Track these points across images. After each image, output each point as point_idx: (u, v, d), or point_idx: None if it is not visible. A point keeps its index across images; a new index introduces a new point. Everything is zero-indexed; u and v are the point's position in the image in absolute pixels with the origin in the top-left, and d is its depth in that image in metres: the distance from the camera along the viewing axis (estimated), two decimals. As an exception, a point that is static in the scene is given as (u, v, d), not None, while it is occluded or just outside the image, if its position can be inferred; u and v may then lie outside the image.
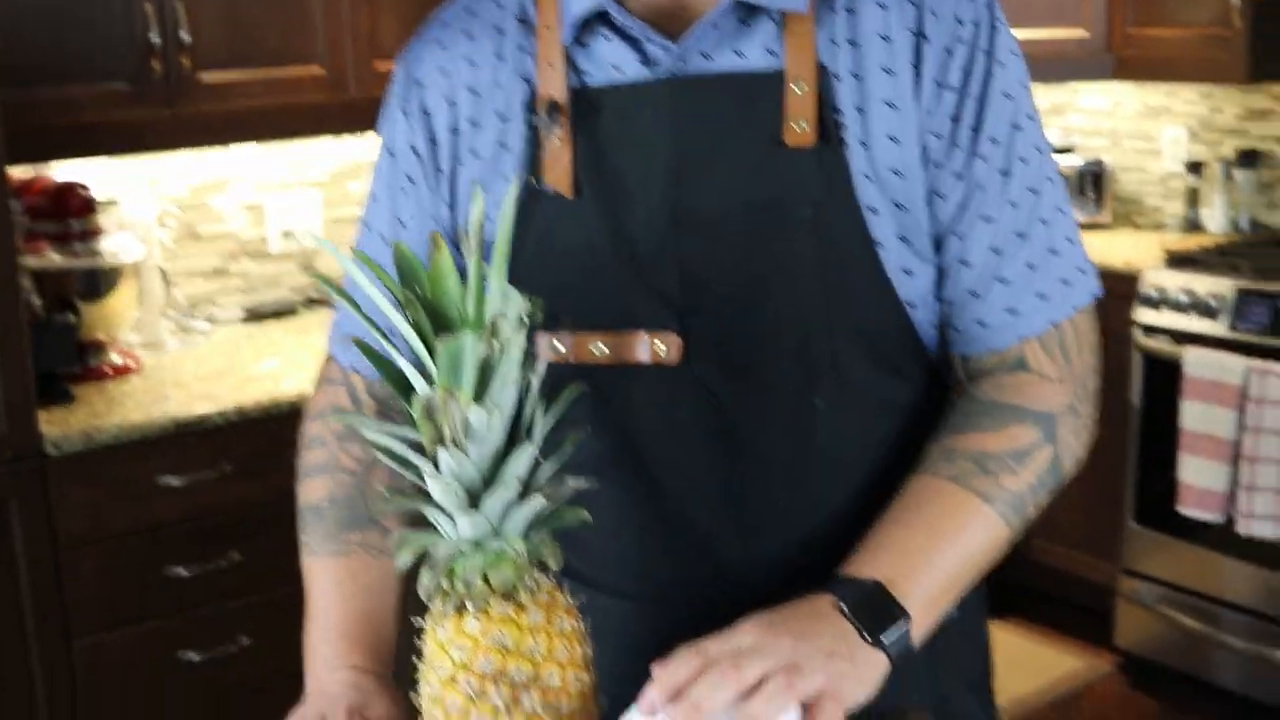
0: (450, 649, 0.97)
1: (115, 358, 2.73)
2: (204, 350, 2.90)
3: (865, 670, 0.99)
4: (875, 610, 1.02)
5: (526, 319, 0.98)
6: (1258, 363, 2.98)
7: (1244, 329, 3.06)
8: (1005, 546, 1.13)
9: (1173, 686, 3.30)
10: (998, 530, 1.11)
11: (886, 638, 1.01)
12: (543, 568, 1.00)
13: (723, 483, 1.17)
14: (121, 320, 2.74)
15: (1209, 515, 3.09)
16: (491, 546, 0.97)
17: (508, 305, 0.97)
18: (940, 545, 1.08)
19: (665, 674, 0.94)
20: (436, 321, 0.98)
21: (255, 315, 3.12)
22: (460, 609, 0.98)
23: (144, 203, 2.93)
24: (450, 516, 0.97)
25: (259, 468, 2.53)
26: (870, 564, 1.06)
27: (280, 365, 2.77)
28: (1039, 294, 1.14)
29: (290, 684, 1.23)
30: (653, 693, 0.93)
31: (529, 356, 0.97)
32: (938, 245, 1.15)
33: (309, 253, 3.24)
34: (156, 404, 2.54)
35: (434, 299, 0.98)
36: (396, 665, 1.24)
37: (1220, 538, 3.15)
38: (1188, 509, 3.12)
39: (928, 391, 1.21)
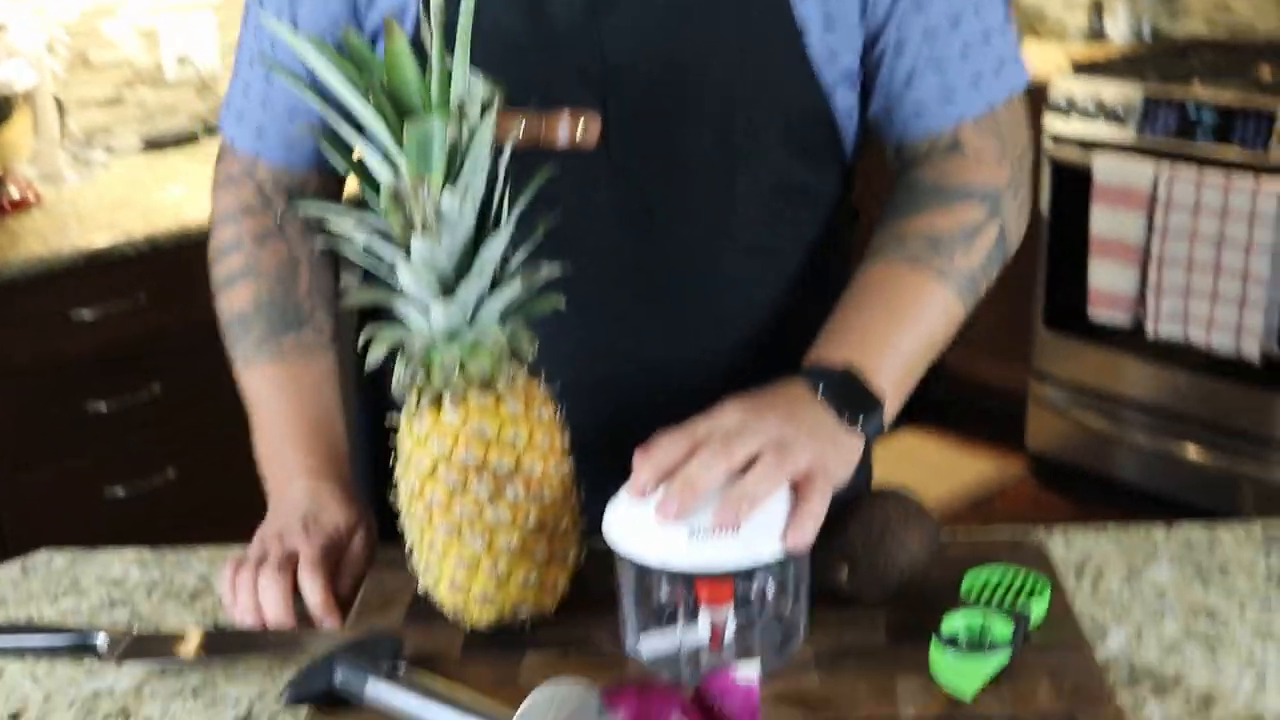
0: (429, 443, 0.96)
1: (13, 191, 2.63)
2: (104, 181, 2.80)
3: (846, 452, 1.00)
4: (850, 395, 1.03)
5: (490, 101, 0.95)
6: (1166, 167, 3.02)
7: (1152, 134, 3.09)
8: (959, 325, 1.14)
9: (1081, 485, 3.42)
10: (953, 309, 1.13)
11: (864, 421, 1.02)
12: (515, 358, 0.99)
13: (643, 269, 1.16)
14: (17, 153, 2.63)
15: (1118, 318, 3.17)
16: (467, 337, 0.95)
17: (473, 88, 0.94)
18: (903, 329, 1.09)
19: (654, 456, 0.94)
20: (397, 109, 0.94)
21: (154, 144, 3.01)
22: (437, 402, 0.96)
23: (31, 29, 2.79)
24: (423, 308, 0.95)
25: (174, 297, 2.46)
26: (836, 349, 1.06)
27: (186, 193, 2.68)
28: (974, 76, 1.15)
29: (221, 515, 1.22)
30: (643, 475, 0.93)
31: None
32: (872, 37, 1.15)
33: (206, 79, 3.12)
34: (61, 237, 2.45)
35: (392, 86, 0.95)
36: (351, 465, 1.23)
37: (1128, 340, 3.23)
38: (1098, 313, 3.19)
39: (842, 188, 1.22)
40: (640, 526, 0.92)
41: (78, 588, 1.19)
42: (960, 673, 0.91)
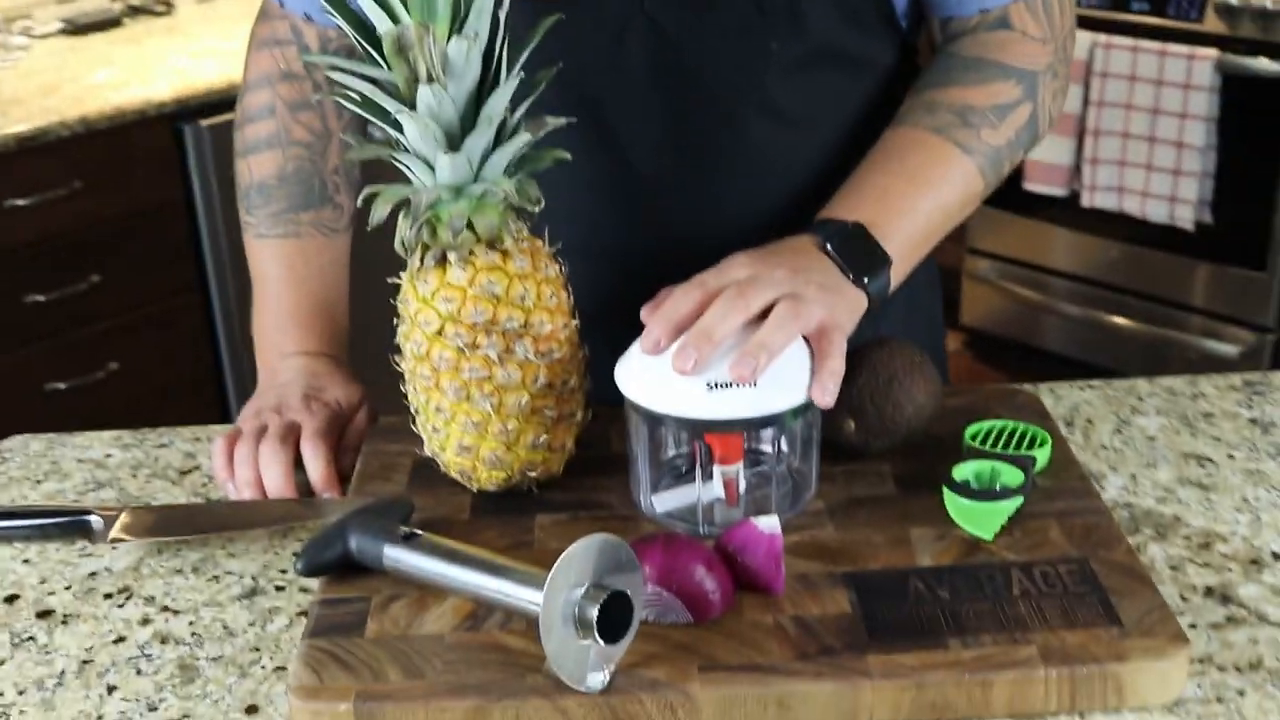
0: (436, 302, 0.94)
1: (-69, 75, 2.53)
2: (26, 66, 2.69)
3: (852, 306, 0.99)
4: (858, 251, 1.01)
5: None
6: (1101, 37, 3.03)
7: (1088, 4, 3.09)
8: (979, 201, 1.13)
9: (1014, 356, 3.47)
10: (974, 183, 1.11)
11: (870, 279, 1.01)
12: (519, 214, 0.97)
13: (670, 130, 1.13)
14: (-68, 35, 2.53)
15: (1054, 190, 3.19)
16: (473, 191, 0.93)
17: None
18: (920, 193, 1.08)
19: (665, 309, 0.93)
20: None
21: (75, 28, 2.90)
22: (442, 261, 0.94)
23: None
24: (427, 163, 0.92)
25: (110, 183, 2.39)
26: (850, 207, 1.05)
27: (116, 74, 2.59)
28: None
29: (165, 407, 1.20)
30: (655, 329, 0.92)
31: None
32: None
33: (126, -42, 3.01)
34: (-13, 122, 2.37)
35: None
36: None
37: (1061, 213, 3.27)
38: (1034, 185, 3.21)
39: (895, 60, 1.18)
40: (654, 379, 0.91)
41: (59, 470, 1.16)
42: (980, 515, 0.92)
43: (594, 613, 0.78)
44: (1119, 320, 3.27)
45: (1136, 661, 0.81)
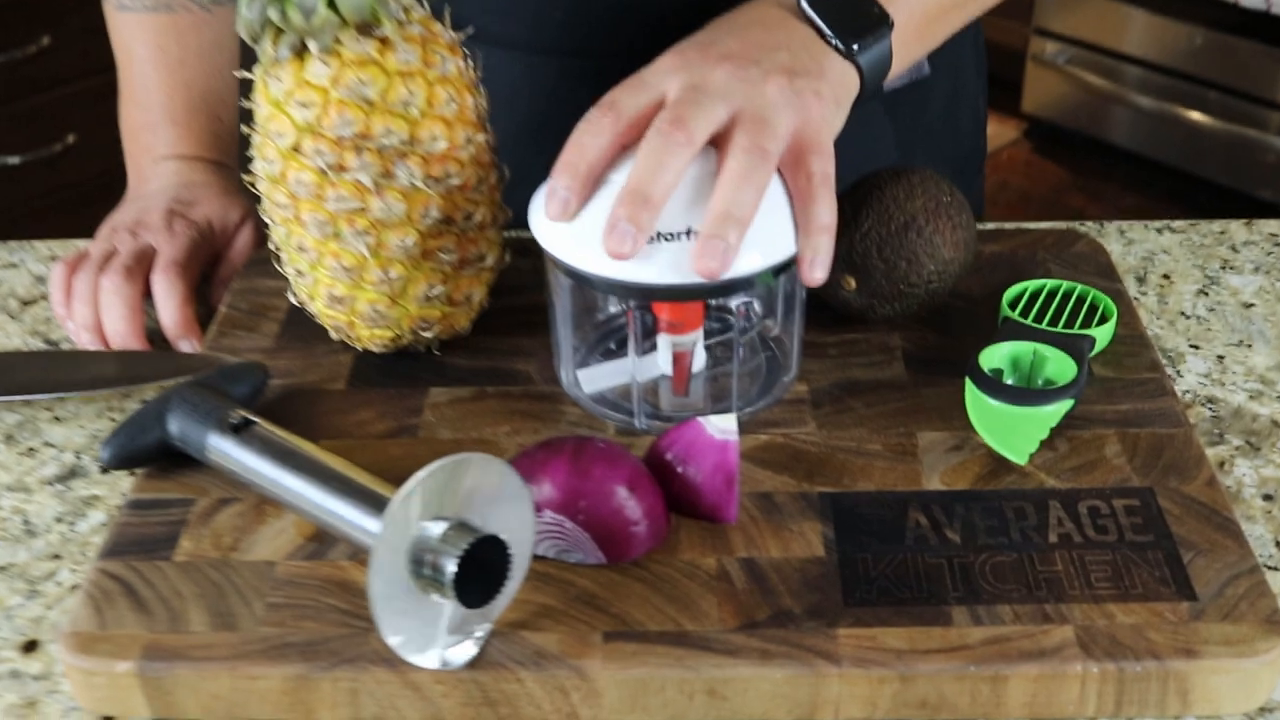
0: (290, 106, 0.69)
1: None
2: None
3: (838, 88, 0.71)
4: (845, 5, 0.72)
5: None
6: None
7: None
8: None
9: (1078, 150, 3.17)
10: None
11: (860, 44, 0.72)
12: (411, -11, 0.72)
13: None
14: None
15: (1136, -35, 2.84)
16: (335, -46, 0.67)
17: None
18: None
19: (568, 151, 0.66)
20: None
21: None
22: (300, 51, 0.69)
23: None
24: (271, -89, 0.66)
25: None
26: None
27: None
28: None
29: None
30: (560, 184, 0.65)
31: None
32: None
33: None
34: None
35: None
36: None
37: (1139, -10, 2.93)
38: (1114, -42, 2.86)
39: None
40: (583, 226, 0.67)
41: (-124, 286, 0.94)
42: (1013, 426, 0.68)
43: (451, 565, 0.55)
44: (1195, 115, 2.95)
45: (1212, 657, 0.58)
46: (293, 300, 0.79)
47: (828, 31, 0.71)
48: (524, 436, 0.71)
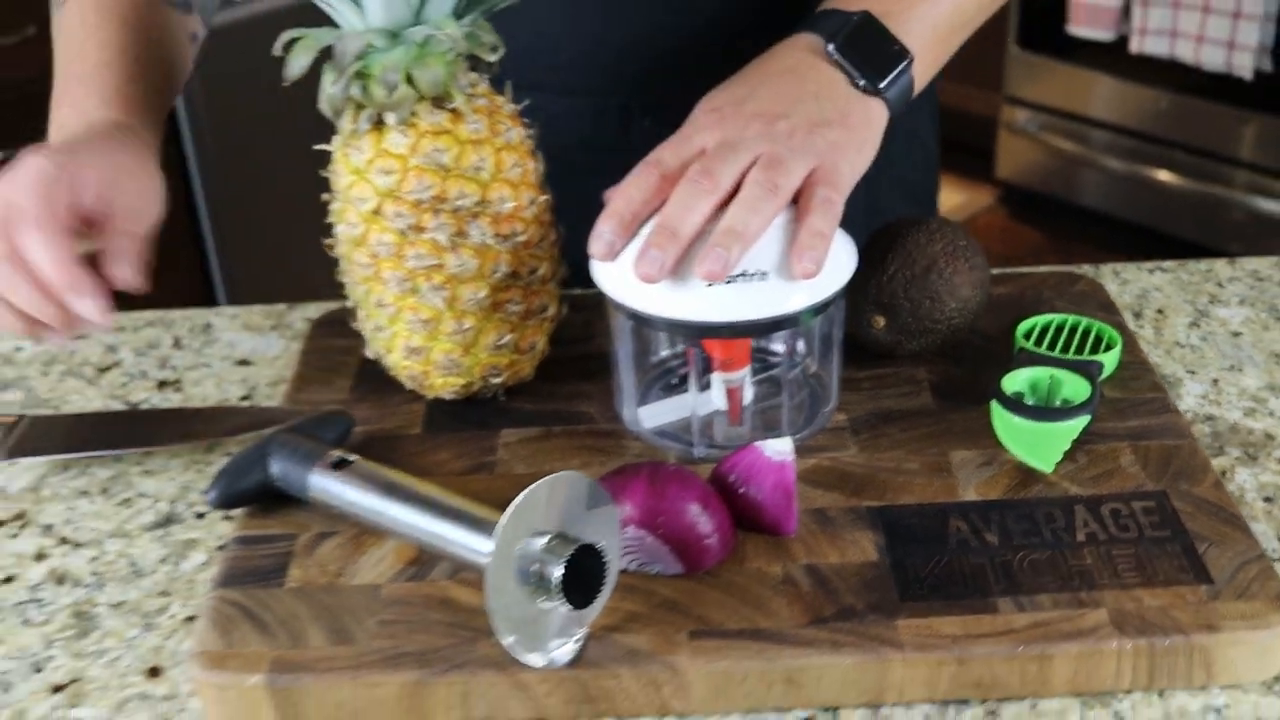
0: (371, 174, 0.77)
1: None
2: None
3: (863, 130, 0.79)
4: (868, 47, 0.80)
5: None
6: None
7: None
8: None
9: (1052, 214, 3.27)
10: None
11: (886, 81, 0.80)
12: (474, 65, 0.79)
13: None
14: None
15: (1100, 34, 2.96)
16: (412, 36, 0.75)
17: None
18: None
19: (615, 201, 0.74)
20: None
21: None
22: (378, 123, 0.77)
23: None
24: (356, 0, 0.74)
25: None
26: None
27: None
28: None
29: None
30: (606, 228, 0.74)
31: None
32: None
33: None
34: None
35: None
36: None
37: (1107, 58, 3.03)
38: (1079, 28, 2.98)
39: None
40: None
41: (-39, 361, 1.00)
42: (1038, 439, 0.76)
43: (558, 571, 0.62)
44: (1164, 175, 3.06)
45: (1230, 631, 0.65)
46: (368, 355, 0.86)
47: (855, 74, 0.79)
48: (594, 469, 0.78)
